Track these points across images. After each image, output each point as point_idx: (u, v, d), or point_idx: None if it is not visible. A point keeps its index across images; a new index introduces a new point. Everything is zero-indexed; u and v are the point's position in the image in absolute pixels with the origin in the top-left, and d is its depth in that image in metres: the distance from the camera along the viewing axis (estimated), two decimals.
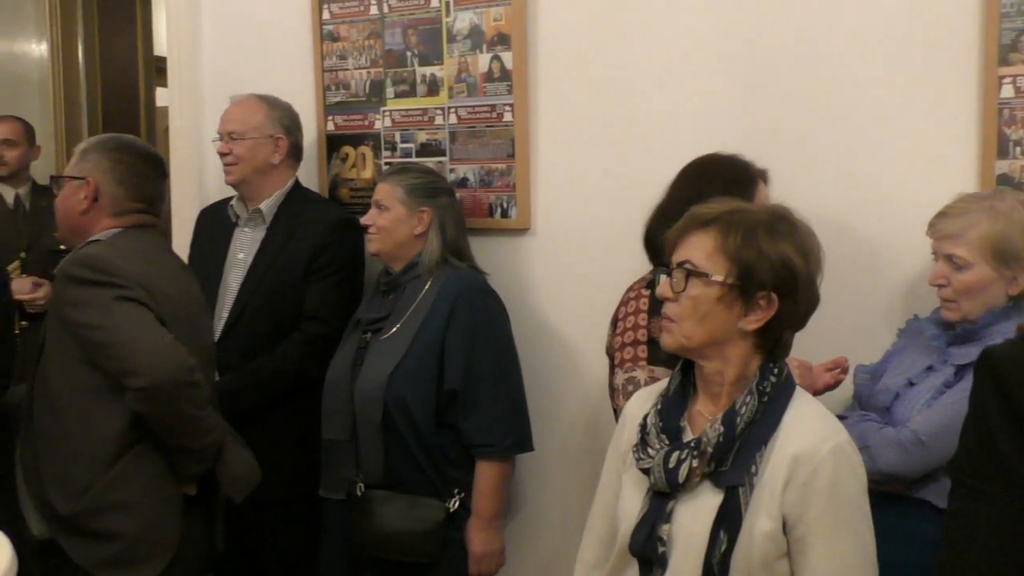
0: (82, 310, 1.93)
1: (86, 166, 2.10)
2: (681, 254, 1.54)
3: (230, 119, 2.67)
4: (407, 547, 2.27)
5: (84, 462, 1.97)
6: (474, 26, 2.61)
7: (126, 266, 1.97)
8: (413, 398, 2.26)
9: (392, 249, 2.40)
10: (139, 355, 1.89)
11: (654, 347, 1.98)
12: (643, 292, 2.08)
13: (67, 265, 1.97)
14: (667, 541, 1.49)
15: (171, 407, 1.93)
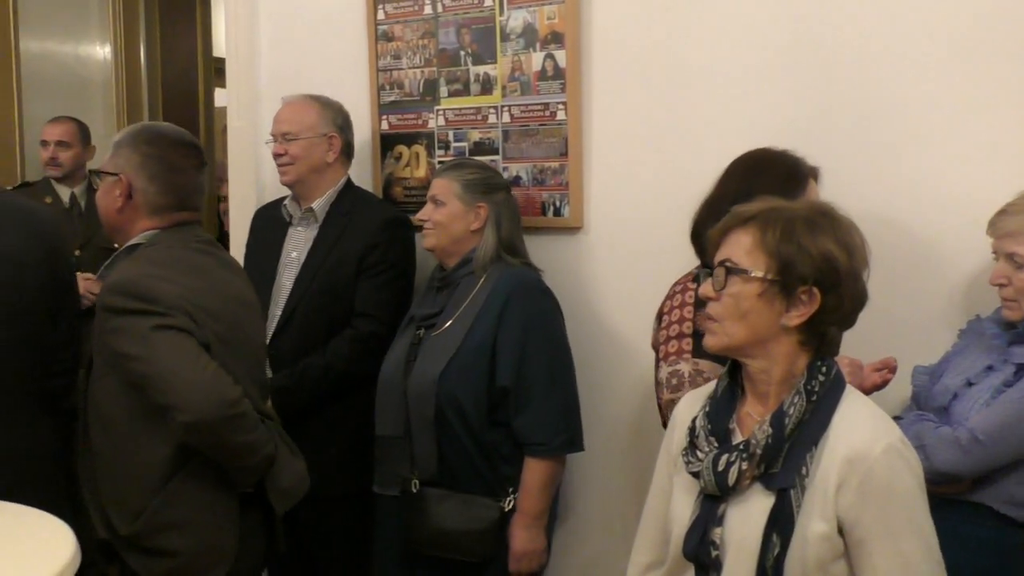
0: (122, 340, 1.85)
1: (119, 161, 2.00)
2: (722, 253, 1.54)
3: (284, 120, 2.70)
4: (462, 546, 2.27)
5: (136, 485, 1.93)
6: (527, 25, 2.61)
7: (165, 288, 1.87)
8: (465, 395, 2.26)
9: (447, 244, 2.40)
10: (180, 390, 1.80)
11: (700, 340, 1.97)
12: (689, 285, 2.07)
13: (107, 294, 1.88)
14: (720, 545, 1.48)
15: (216, 439, 1.87)
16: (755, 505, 1.47)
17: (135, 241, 1.98)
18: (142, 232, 1.99)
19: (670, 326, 2.04)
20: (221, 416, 1.82)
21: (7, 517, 1.69)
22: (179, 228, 2.01)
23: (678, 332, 2.02)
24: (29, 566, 1.48)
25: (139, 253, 1.96)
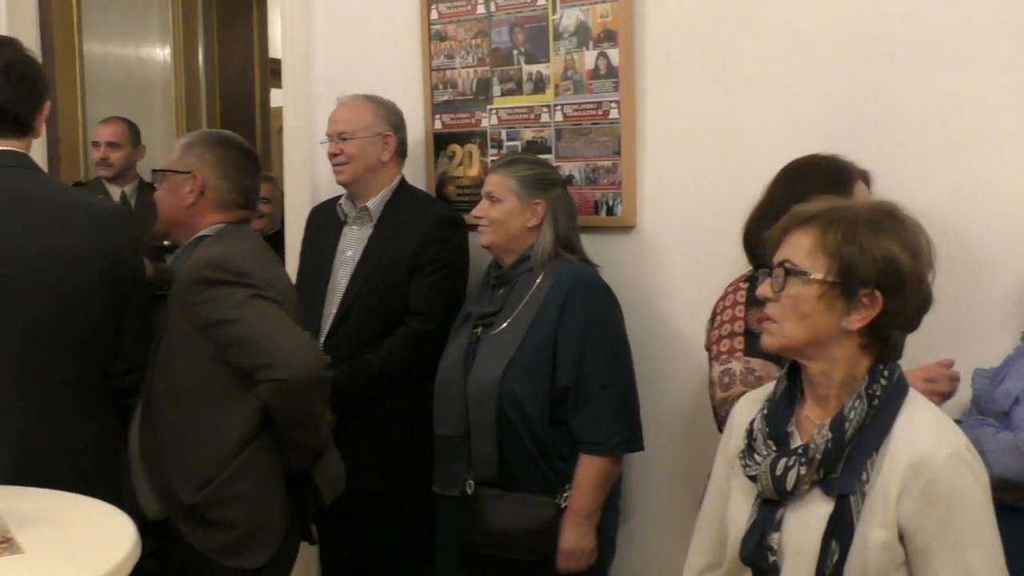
0: (218, 308, 1.96)
1: (191, 160, 2.13)
2: (781, 253, 1.52)
3: (339, 119, 2.72)
4: (520, 545, 2.26)
5: (208, 455, 2.02)
6: (580, 23, 2.61)
7: (254, 267, 2.02)
8: (527, 394, 2.25)
9: (504, 242, 2.39)
10: (279, 349, 1.93)
11: (751, 339, 1.96)
12: (741, 285, 2.05)
13: (199, 268, 2.00)
14: (777, 550, 1.46)
15: (304, 401, 1.96)
16: (814, 511, 1.45)
17: (204, 233, 2.12)
18: (209, 225, 2.13)
19: (722, 325, 2.03)
20: (316, 377, 1.95)
21: (71, 508, 1.73)
22: (242, 224, 2.16)
23: (729, 331, 2.00)
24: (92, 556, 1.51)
25: (218, 238, 2.10)
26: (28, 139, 2.05)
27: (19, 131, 2.02)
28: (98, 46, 4.81)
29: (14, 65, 1.99)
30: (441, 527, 2.46)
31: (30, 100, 2.02)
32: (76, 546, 1.57)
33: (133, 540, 1.58)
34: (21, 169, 2.00)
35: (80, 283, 1.99)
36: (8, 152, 1.99)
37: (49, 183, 2.09)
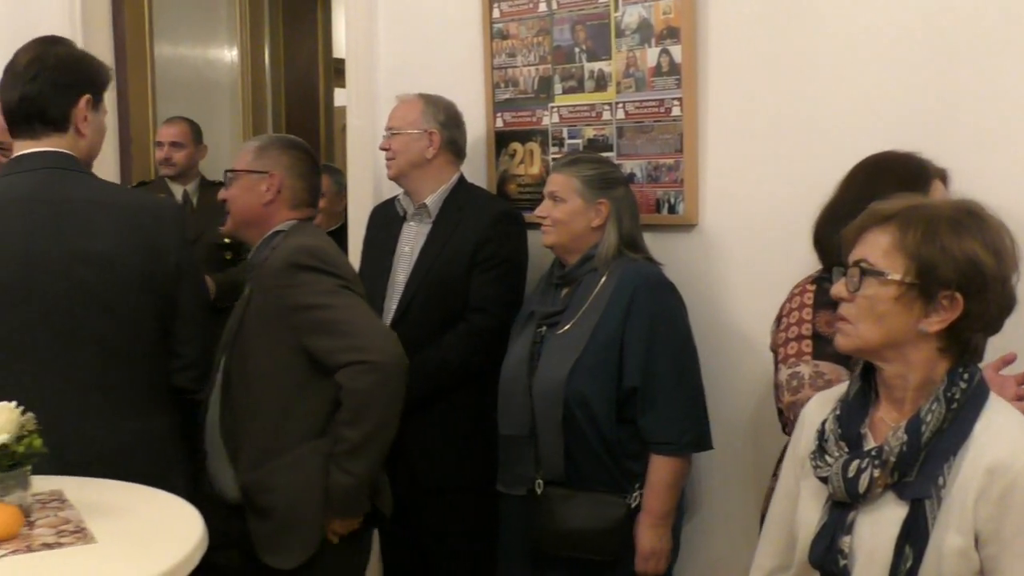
0: (308, 292, 2.06)
1: (267, 161, 2.23)
2: (857, 252, 1.48)
3: (392, 116, 2.76)
4: (590, 545, 2.26)
5: (269, 438, 2.09)
6: (643, 20, 2.59)
7: (341, 261, 2.16)
8: (594, 394, 2.25)
9: (568, 242, 2.38)
10: (368, 334, 2.04)
11: (820, 342, 1.93)
12: (808, 287, 2.02)
13: (293, 254, 2.10)
14: (848, 554, 1.43)
15: (384, 387, 2.02)
16: (887, 515, 1.42)
17: (279, 228, 2.24)
18: (281, 223, 2.25)
19: (788, 328, 2.00)
20: (401, 366, 2.03)
21: (141, 500, 1.78)
22: (309, 222, 2.28)
23: (797, 334, 1.97)
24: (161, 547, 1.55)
25: (298, 232, 2.21)
26: (68, 136, 2.02)
27: (51, 127, 2.00)
28: (168, 48, 4.91)
29: (35, 62, 1.99)
30: (505, 526, 2.46)
31: (53, 95, 1.99)
32: (146, 537, 1.61)
33: (200, 532, 1.61)
34: (57, 170, 1.99)
35: (113, 284, 1.98)
36: (45, 153, 1.99)
37: (88, 183, 2.06)
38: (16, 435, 1.61)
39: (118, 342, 2.00)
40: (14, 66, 2.01)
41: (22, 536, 1.55)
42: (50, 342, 1.94)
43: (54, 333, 1.94)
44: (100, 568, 1.48)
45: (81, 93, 2.03)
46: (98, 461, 1.93)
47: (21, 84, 1.98)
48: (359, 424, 2.03)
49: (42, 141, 2.00)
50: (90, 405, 1.97)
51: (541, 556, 2.34)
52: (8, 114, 2.01)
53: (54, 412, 1.85)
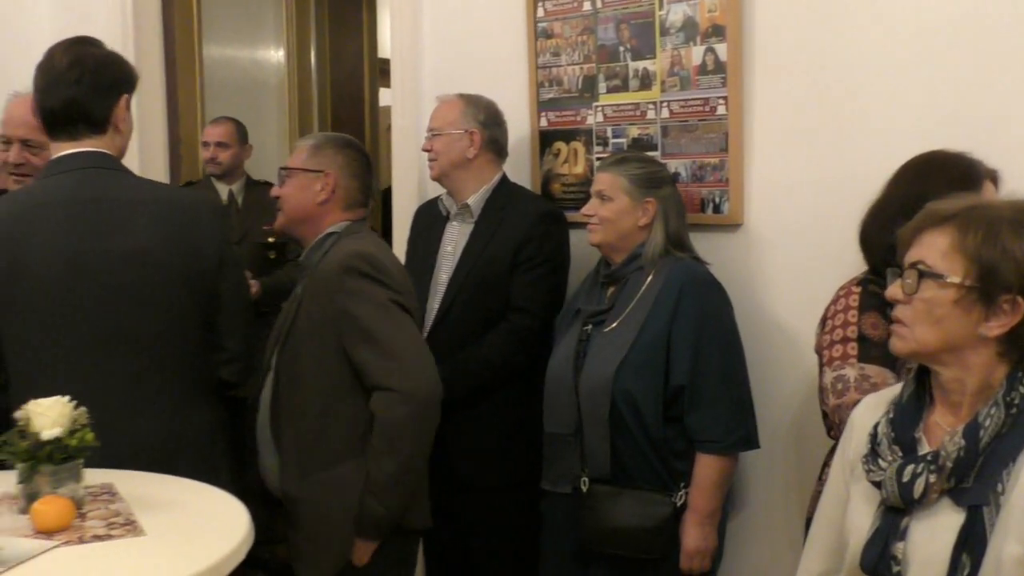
0: (361, 302, 2.05)
1: (322, 160, 2.21)
2: (914, 254, 1.44)
3: (433, 116, 2.78)
4: (636, 543, 2.26)
5: (310, 440, 2.10)
6: (688, 18, 2.58)
7: (395, 271, 2.13)
8: (640, 392, 2.25)
9: (615, 240, 2.39)
10: (409, 360, 2.02)
11: (865, 344, 1.90)
12: (853, 289, 1.99)
13: (350, 258, 2.09)
14: (902, 560, 1.40)
15: (416, 419, 2.01)
16: (943, 521, 1.39)
17: (332, 230, 2.22)
18: (334, 223, 2.23)
19: (833, 330, 1.97)
20: (434, 398, 2.02)
21: (189, 494, 1.81)
22: (355, 223, 2.25)
23: (842, 336, 1.95)
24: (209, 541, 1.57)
25: (352, 235, 2.19)
26: (110, 136, 2.05)
27: (93, 129, 2.02)
28: (216, 49, 4.98)
29: (76, 64, 2.01)
30: (550, 523, 2.47)
31: (97, 97, 2.02)
32: (194, 530, 1.64)
33: (246, 527, 1.63)
34: (98, 170, 2.02)
35: (155, 281, 2.00)
36: (85, 153, 2.02)
37: (127, 182, 2.08)
38: (69, 429, 1.65)
39: (161, 338, 2.03)
40: (53, 69, 2.01)
41: (74, 527, 1.58)
42: (94, 340, 1.97)
43: (98, 331, 1.97)
44: (149, 560, 1.50)
45: (120, 93, 2.07)
46: (145, 456, 1.96)
47: (65, 87, 1.99)
48: (393, 455, 2.02)
49: (82, 142, 2.02)
50: (135, 401, 2.00)
51: (586, 553, 2.34)
52: (49, 116, 2.01)
53: (100, 408, 1.87)
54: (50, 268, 1.94)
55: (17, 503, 1.66)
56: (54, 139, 2.04)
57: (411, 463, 2.05)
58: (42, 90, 2.03)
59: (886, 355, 1.89)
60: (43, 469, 1.63)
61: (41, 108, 2.03)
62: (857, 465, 1.51)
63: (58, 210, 1.97)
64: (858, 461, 1.51)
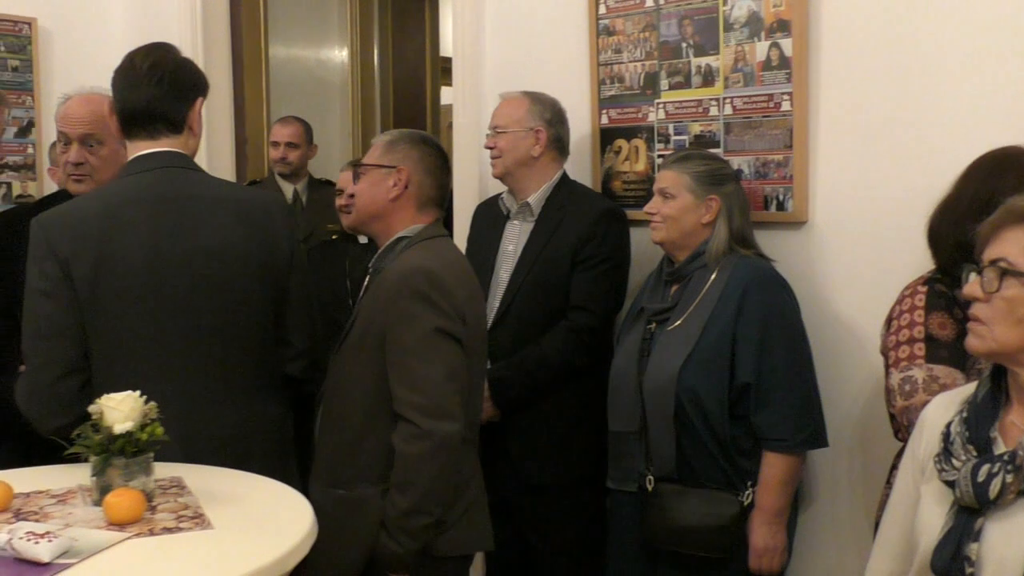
0: (406, 327, 1.98)
1: (396, 156, 2.16)
2: (994, 251, 1.41)
3: (496, 114, 2.77)
4: (703, 542, 2.25)
5: (342, 453, 2.07)
6: (752, 13, 2.55)
7: (455, 289, 2.02)
8: (705, 390, 2.23)
9: (678, 238, 2.37)
10: (437, 399, 1.94)
11: (932, 345, 1.86)
12: (919, 289, 1.95)
13: (413, 274, 2.01)
14: (976, 562, 1.37)
15: (432, 459, 1.94)
16: (1020, 522, 1.36)
17: (404, 234, 2.15)
18: (405, 226, 2.16)
19: (899, 331, 1.93)
20: (453, 441, 1.95)
21: (256, 488, 1.84)
22: (430, 227, 2.17)
23: (908, 337, 1.91)
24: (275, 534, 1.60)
25: (422, 246, 2.11)
26: (185, 137, 2.11)
27: (171, 129, 2.08)
28: (282, 49, 5.05)
29: (156, 67, 2.06)
30: (615, 521, 2.47)
31: (175, 99, 2.07)
32: (260, 524, 1.67)
33: (310, 522, 1.66)
34: (176, 169, 2.07)
35: (234, 276, 2.06)
36: (163, 152, 2.07)
37: (203, 180, 2.14)
38: (140, 423, 1.69)
39: (238, 332, 2.08)
40: (134, 71, 2.07)
41: (145, 520, 1.62)
42: (175, 334, 2.02)
43: (179, 325, 2.02)
44: (217, 553, 1.53)
45: (196, 96, 2.13)
46: (221, 447, 2.01)
47: (145, 89, 2.05)
48: (407, 492, 1.96)
49: (160, 142, 2.08)
50: (213, 393, 2.05)
51: (653, 552, 2.34)
52: (129, 116, 2.07)
53: (180, 401, 1.96)
54: (135, 263, 2.00)
55: (91, 495, 1.71)
56: (132, 139, 2.10)
57: (425, 503, 1.96)
58: (123, 91, 2.09)
59: (954, 355, 1.85)
60: (115, 462, 1.68)
61: (121, 109, 2.09)
62: (928, 464, 1.48)
63: (142, 207, 2.03)
64: (929, 460, 1.48)
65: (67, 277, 1.96)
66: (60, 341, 1.97)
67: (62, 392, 1.95)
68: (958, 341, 1.88)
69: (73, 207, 2.09)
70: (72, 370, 1.97)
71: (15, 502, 1.70)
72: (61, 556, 1.45)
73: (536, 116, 2.71)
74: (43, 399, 1.97)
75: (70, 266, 1.95)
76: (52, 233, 1.98)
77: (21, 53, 3.83)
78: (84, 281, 1.96)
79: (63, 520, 1.62)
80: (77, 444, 1.70)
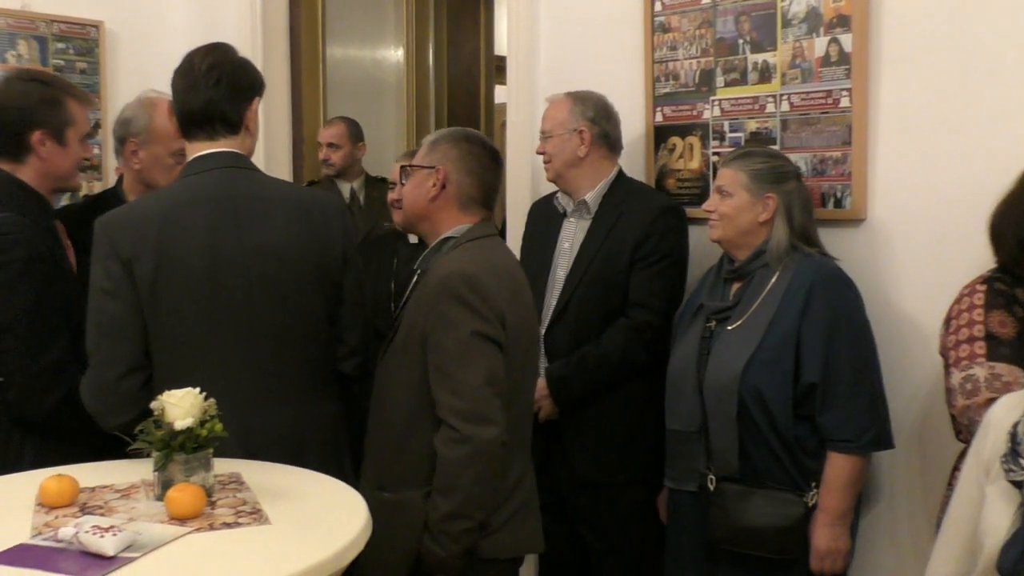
0: (446, 330, 1.97)
1: (436, 156, 2.16)
2: None
3: (544, 118, 2.77)
4: (767, 543, 2.22)
5: (389, 455, 2.06)
6: (811, 9, 2.51)
7: (494, 292, 2.00)
8: (770, 389, 2.21)
9: (735, 237, 2.35)
10: (478, 404, 1.92)
11: (993, 343, 1.82)
12: (978, 287, 1.92)
13: (452, 278, 1.99)
14: None
15: (473, 463, 1.93)
16: None
17: (450, 234, 2.13)
18: (450, 226, 2.14)
19: (959, 330, 1.90)
20: (494, 445, 1.93)
21: (311, 484, 1.87)
22: (484, 224, 2.15)
23: (968, 336, 1.87)
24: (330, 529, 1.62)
25: (466, 247, 2.09)
26: (242, 137, 2.14)
27: (229, 130, 2.11)
28: (339, 50, 5.09)
29: (215, 68, 2.10)
30: (675, 521, 2.45)
31: (233, 99, 2.11)
32: (316, 520, 1.69)
33: (365, 519, 1.68)
34: (233, 169, 2.11)
35: (290, 275, 2.08)
36: (221, 153, 2.11)
37: (260, 180, 2.18)
38: (200, 419, 1.73)
39: (294, 331, 2.11)
40: (193, 72, 2.11)
41: (205, 515, 1.65)
42: (233, 332, 2.05)
43: (237, 323, 2.05)
44: (276, 548, 1.56)
45: (253, 97, 2.17)
46: (277, 445, 2.05)
47: (204, 89, 2.09)
48: (448, 496, 1.95)
49: (218, 142, 2.11)
50: (269, 391, 2.08)
51: (714, 552, 2.32)
52: (188, 116, 2.11)
53: (236, 398, 1.99)
54: (194, 264, 2.03)
55: (153, 490, 1.75)
56: (191, 138, 2.14)
57: (466, 507, 1.96)
58: (182, 93, 2.12)
59: (1015, 353, 1.82)
60: (176, 458, 1.71)
61: (181, 110, 2.13)
62: (994, 465, 1.46)
63: (202, 207, 2.06)
64: (995, 460, 1.45)
65: (129, 276, 2.00)
66: (123, 339, 2.01)
67: (124, 389, 2.00)
68: (1019, 339, 1.84)
69: (135, 208, 2.14)
70: (135, 368, 2.01)
71: (80, 496, 1.74)
72: (125, 550, 1.48)
73: (578, 116, 2.69)
74: (106, 396, 2.01)
75: (132, 266, 2.00)
76: (115, 233, 2.02)
77: (89, 56, 3.93)
78: (145, 281, 2.00)
79: (127, 514, 1.66)
80: (139, 440, 1.74)
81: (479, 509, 1.98)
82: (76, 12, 3.91)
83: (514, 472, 2.09)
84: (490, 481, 1.97)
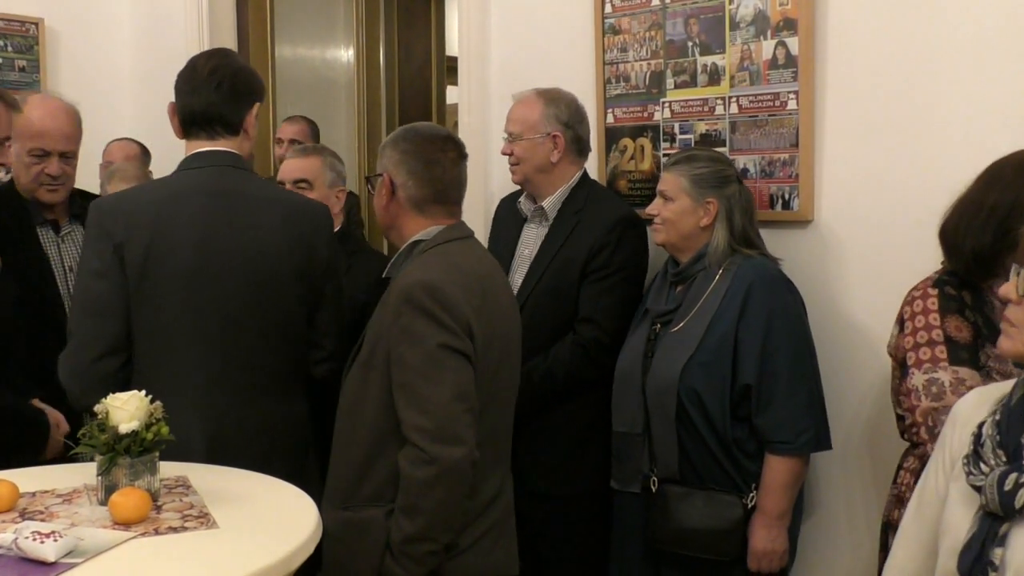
0: (409, 344, 1.86)
1: (383, 162, 2.10)
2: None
3: (511, 119, 2.67)
4: (707, 544, 2.24)
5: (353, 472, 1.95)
6: (758, 11, 2.54)
7: (460, 301, 1.88)
8: (707, 391, 2.22)
9: (678, 240, 2.37)
10: (441, 416, 1.82)
11: (953, 346, 1.85)
12: (930, 291, 1.94)
13: (413, 288, 1.88)
14: (1000, 567, 1.34)
15: (438, 484, 1.82)
16: None
17: (419, 237, 2.02)
18: (415, 231, 2.03)
19: (916, 332, 1.92)
20: (462, 466, 1.82)
21: (260, 488, 1.84)
22: (451, 228, 2.04)
23: (927, 339, 1.90)
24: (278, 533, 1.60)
25: (431, 253, 1.98)
26: (240, 139, 2.20)
27: (229, 131, 2.18)
28: (288, 49, 5.05)
29: (216, 72, 2.16)
30: (619, 522, 2.45)
31: (232, 103, 2.16)
32: (264, 524, 1.67)
33: (315, 521, 1.66)
34: (231, 168, 2.16)
35: (276, 274, 2.13)
36: (220, 151, 2.16)
37: (254, 181, 2.25)
38: (146, 423, 1.70)
39: (275, 329, 2.15)
40: (196, 75, 2.16)
41: (150, 519, 1.62)
42: (217, 326, 2.08)
43: (221, 317, 2.08)
44: (222, 552, 1.53)
45: (253, 101, 2.22)
46: (248, 439, 2.08)
47: (207, 92, 2.14)
48: (412, 516, 1.85)
49: (217, 142, 2.17)
50: (246, 387, 2.12)
51: (656, 554, 2.33)
52: (190, 117, 2.16)
53: (214, 391, 2.06)
54: (185, 252, 2.06)
55: (97, 495, 1.72)
56: (191, 138, 2.19)
57: (431, 529, 1.85)
58: (184, 95, 2.18)
59: (973, 357, 1.85)
60: (121, 462, 1.68)
61: (183, 110, 2.18)
62: (959, 463, 1.44)
63: (195, 200, 2.10)
64: (960, 458, 1.44)
65: (119, 260, 2.04)
66: (105, 320, 2.04)
67: (102, 370, 2.03)
68: (974, 343, 1.87)
69: (130, 194, 2.22)
70: (113, 350, 2.05)
71: (21, 501, 1.70)
72: (67, 555, 1.45)
73: (552, 119, 2.60)
74: (83, 376, 2.04)
75: (123, 250, 2.04)
76: (108, 217, 2.07)
77: (28, 53, 3.84)
78: (134, 266, 2.04)
79: (69, 519, 1.63)
80: (83, 443, 1.71)
81: (444, 531, 1.87)
82: (15, 9, 3.82)
83: (488, 489, 1.99)
84: (457, 503, 1.86)
